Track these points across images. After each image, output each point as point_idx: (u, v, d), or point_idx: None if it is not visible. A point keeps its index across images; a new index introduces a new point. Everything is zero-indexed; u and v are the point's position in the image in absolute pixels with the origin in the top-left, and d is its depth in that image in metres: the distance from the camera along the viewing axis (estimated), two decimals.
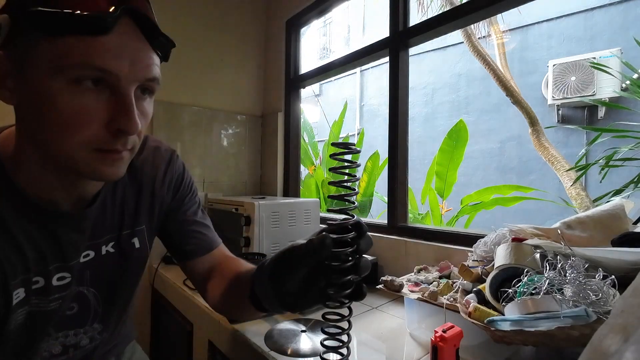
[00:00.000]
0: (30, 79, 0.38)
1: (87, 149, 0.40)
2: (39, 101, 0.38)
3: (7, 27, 0.37)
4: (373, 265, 1.23)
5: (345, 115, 3.38)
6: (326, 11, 1.81)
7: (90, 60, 0.37)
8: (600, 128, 1.94)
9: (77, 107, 0.38)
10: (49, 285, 0.49)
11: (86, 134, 0.39)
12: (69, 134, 0.39)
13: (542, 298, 0.56)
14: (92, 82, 0.38)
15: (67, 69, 0.37)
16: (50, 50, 0.36)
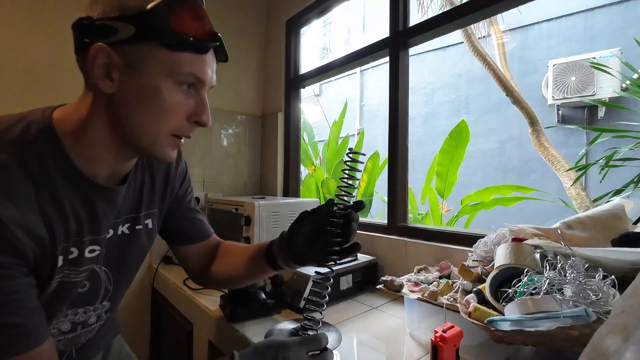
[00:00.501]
0: (145, 77, 0.48)
1: (170, 134, 0.52)
2: (148, 94, 0.48)
3: (127, 33, 0.46)
4: (373, 265, 1.23)
5: (345, 115, 3.38)
6: (326, 11, 1.81)
7: (195, 71, 0.50)
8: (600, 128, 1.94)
9: (175, 102, 0.50)
10: (81, 257, 0.53)
11: (174, 122, 0.51)
12: (164, 120, 0.50)
13: (542, 298, 0.56)
14: (187, 85, 0.51)
15: (177, 75, 0.49)
16: (168, 58, 0.48)
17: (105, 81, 0.48)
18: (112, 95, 0.49)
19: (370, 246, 1.36)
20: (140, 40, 0.46)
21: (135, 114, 0.49)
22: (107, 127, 0.51)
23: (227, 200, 1.48)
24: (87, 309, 0.59)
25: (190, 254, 0.78)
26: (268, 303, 0.98)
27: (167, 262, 1.58)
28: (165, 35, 0.46)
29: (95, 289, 0.59)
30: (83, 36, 0.48)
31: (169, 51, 0.47)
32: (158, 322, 1.60)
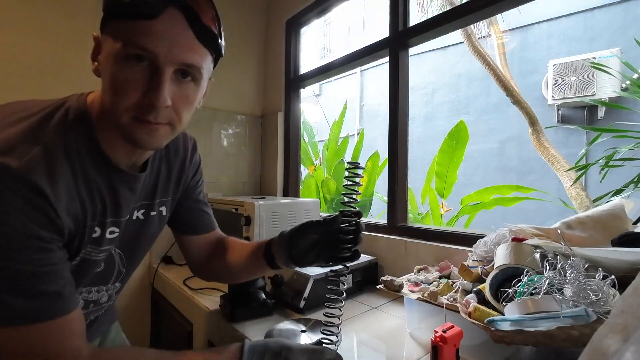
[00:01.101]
0: (103, 55, 0.49)
1: (128, 115, 0.48)
2: (104, 72, 0.49)
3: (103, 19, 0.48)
4: (373, 265, 1.23)
5: (345, 115, 3.38)
6: (326, 11, 1.81)
7: (134, 40, 0.45)
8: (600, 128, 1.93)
9: (121, 77, 0.47)
10: (103, 237, 0.56)
11: (127, 102, 0.47)
12: (116, 99, 0.47)
13: (542, 298, 0.56)
14: (135, 58, 0.46)
15: (119, 47, 0.45)
16: (113, 31, 0.46)
17: (95, 64, 0.51)
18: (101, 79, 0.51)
19: (370, 246, 1.36)
20: (104, 22, 0.48)
21: (104, 96, 0.50)
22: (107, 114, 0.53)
23: (227, 200, 1.48)
24: (100, 289, 0.63)
25: (194, 245, 0.81)
26: (268, 303, 0.98)
27: (167, 262, 1.58)
28: (109, 5, 0.46)
29: (110, 270, 0.63)
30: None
31: (114, 23, 0.46)
32: (158, 322, 1.60)
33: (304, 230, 0.67)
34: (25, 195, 0.44)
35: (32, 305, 0.45)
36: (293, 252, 0.67)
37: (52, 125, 0.49)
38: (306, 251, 0.66)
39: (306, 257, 0.67)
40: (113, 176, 0.56)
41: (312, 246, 0.66)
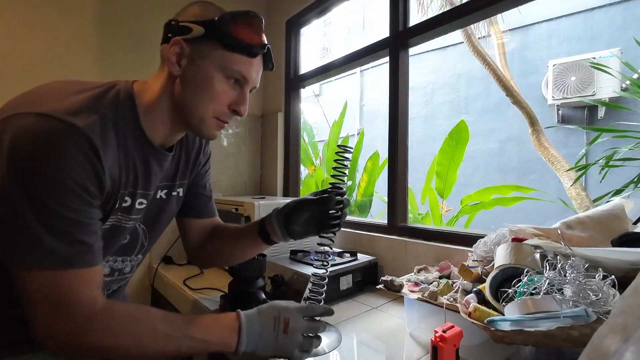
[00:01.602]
0: (204, 67, 0.60)
1: (212, 116, 0.64)
2: (204, 81, 0.61)
3: (198, 32, 0.59)
4: (373, 265, 1.23)
5: (345, 115, 3.38)
6: (326, 11, 1.81)
7: (242, 70, 0.62)
8: (600, 128, 1.94)
9: (221, 90, 0.62)
10: (132, 206, 0.64)
11: (218, 107, 0.63)
12: (210, 104, 0.62)
13: (542, 298, 0.56)
14: (234, 80, 0.63)
15: (227, 70, 0.61)
16: (223, 56, 0.60)
17: (175, 66, 0.61)
18: (178, 78, 0.62)
19: (370, 246, 1.36)
20: (206, 39, 0.60)
21: (191, 95, 0.62)
22: (170, 104, 0.64)
23: (227, 200, 1.48)
24: (124, 259, 0.70)
25: (194, 228, 0.88)
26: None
27: (167, 262, 1.58)
28: (224, 37, 0.59)
29: (134, 242, 0.70)
30: (168, 32, 0.62)
31: (225, 51, 0.60)
32: None
33: (299, 208, 0.76)
34: (85, 151, 0.51)
35: (69, 252, 0.50)
36: (290, 227, 0.77)
37: (106, 101, 0.58)
38: (301, 225, 0.76)
39: (301, 230, 0.77)
40: (147, 151, 0.64)
41: (306, 221, 0.76)
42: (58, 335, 0.50)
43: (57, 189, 0.49)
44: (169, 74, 0.62)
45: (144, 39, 1.62)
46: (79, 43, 1.49)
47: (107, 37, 1.55)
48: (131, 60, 1.59)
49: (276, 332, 0.61)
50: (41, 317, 0.50)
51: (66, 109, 0.52)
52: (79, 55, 1.49)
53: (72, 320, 0.50)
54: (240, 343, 0.59)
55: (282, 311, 0.63)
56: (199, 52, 0.60)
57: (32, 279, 0.49)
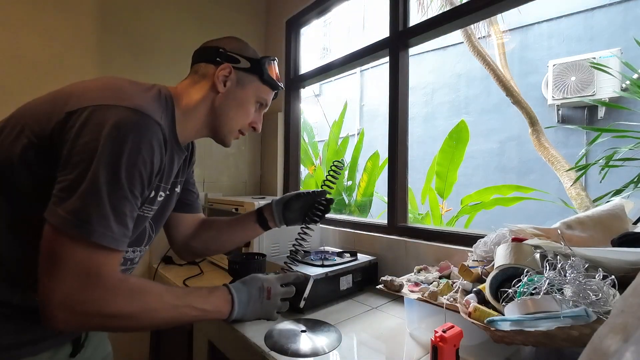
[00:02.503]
0: (245, 92, 0.77)
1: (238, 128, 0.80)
2: (242, 103, 0.78)
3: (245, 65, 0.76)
4: (373, 265, 1.24)
5: (345, 115, 3.38)
6: (326, 11, 1.81)
7: (267, 99, 0.82)
8: (600, 128, 1.93)
9: (251, 112, 0.80)
10: (155, 198, 0.69)
11: (245, 123, 0.80)
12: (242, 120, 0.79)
13: (542, 298, 0.56)
14: (259, 105, 0.82)
15: (259, 97, 0.80)
16: (259, 87, 0.79)
17: (221, 85, 0.74)
18: (220, 94, 0.75)
19: (370, 246, 1.36)
20: (250, 71, 0.77)
21: (229, 110, 0.76)
22: (206, 112, 0.75)
23: (227, 200, 1.48)
24: (135, 249, 0.74)
25: (185, 222, 0.95)
26: None
27: (167, 262, 1.58)
28: (263, 75, 0.78)
29: (144, 234, 0.74)
30: (216, 56, 0.75)
31: (260, 83, 0.79)
32: None
33: (297, 198, 0.96)
34: (162, 147, 0.60)
35: (119, 235, 0.55)
36: (287, 214, 0.96)
37: (162, 102, 0.66)
38: (295, 213, 0.96)
39: (294, 217, 0.96)
40: (175, 148, 0.71)
41: (299, 209, 0.96)
42: (78, 303, 0.53)
43: (134, 176, 0.55)
44: (212, 88, 0.74)
45: (144, 39, 1.62)
46: (79, 43, 1.49)
47: (107, 37, 1.55)
48: (131, 60, 1.58)
49: (261, 299, 0.74)
50: (67, 283, 0.52)
51: (149, 106, 0.59)
52: (79, 55, 1.49)
53: (99, 290, 0.54)
54: (233, 311, 0.70)
55: (264, 281, 0.76)
56: (242, 80, 0.76)
57: (74, 249, 0.52)
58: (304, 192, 0.97)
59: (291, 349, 0.78)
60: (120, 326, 0.59)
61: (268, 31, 2.08)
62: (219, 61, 0.74)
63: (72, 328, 0.55)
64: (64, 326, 0.53)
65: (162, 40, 1.68)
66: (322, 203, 0.95)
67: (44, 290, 0.52)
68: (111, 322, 0.57)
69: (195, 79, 0.76)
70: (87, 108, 0.55)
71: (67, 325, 0.53)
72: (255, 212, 0.97)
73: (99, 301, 0.54)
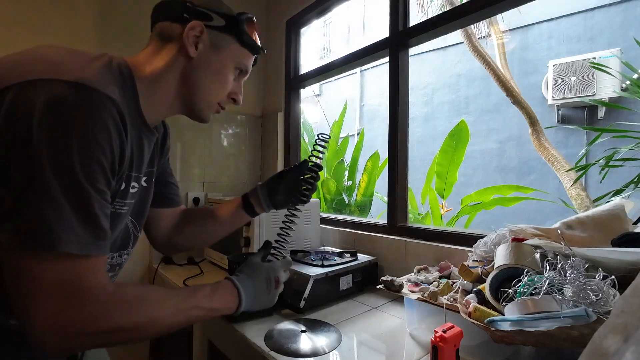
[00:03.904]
0: (216, 56, 0.64)
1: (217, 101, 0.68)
2: (220, 70, 0.65)
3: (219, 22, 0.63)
4: (373, 265, 1.23)
5: (345, 115, 3.38)
6: (326, 11, 1.81)
7: (247, 64, 0.69)
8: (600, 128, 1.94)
9: (230, 80, 0.68)
10: (127, 190, 0.60)
11: (223, 94, 0.68)
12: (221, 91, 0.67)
13: (542, 298, 0.56)
14: (238, 72, 0.69)
15: (238, 63, 0.67)
16: (238, 50, 0.66)
17: (192, 48, 0.61)
18: (192, 59, 0.62)
19: (370, 246, 1.36)
20: (225, 31, 0.64)
21: (204, 79, 0.64)
22: (176, 82, 0.63)
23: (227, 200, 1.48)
24: (121, 253, 0.67)
25: (166, 217, 0.86)
26: None
27: (167, 262, 1.58)
28: (242, 35, 0.65)
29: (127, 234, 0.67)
30: (184, 12, 0.61)
31: (239, 46, 0.66)
32: None
33: (280, 177, 0.88)
34: (119, 128, 0.50)
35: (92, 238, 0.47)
36: (273, 197, 0.87)
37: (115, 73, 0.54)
38: (283, 194, 0.87)
39: (282, 199, 0.87)
40: (142, 131, 0.61)
41: (286, 190, 0.87)
42: (67, 325, 0.46)
43: (92, 168, 0.46)
44: (181, 53, 0.61)
45: (144, 39, 1.62)
46: (79, 43, 1.49)
47: (107, 37, 1.55)
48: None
49: (269, 290, 0.72)
50: (48, 306, 0.44)
51: (94, 78, 0.48)
52: None
53: (87, 308, 0.47)
54: (240, 305, 0.67)
55: (270, 271, 0.74)
56: (216, 42, 0.63)
57: (43, 266, 0.44)
58: (285, 169, 0.89)
59: (291, 349, 0.78)
60: (122, 340, 0.53)
61: (268, 31, 2.08)
62: (186, 18, 0.60)
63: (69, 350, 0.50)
64: (59, 350, 0.47)
65: None
66: (308, 177, 0.85)
67: (24, 317, 0.45)
68: (111, 337, 0.50)
69: (159, 44, 0.62)
70: (11, 88, 0.43)
71: (62, 348, 0.47)
72: (241, 199, 0.89)
73: (91, 318, 0.47)
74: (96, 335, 0.49)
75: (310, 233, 1.46)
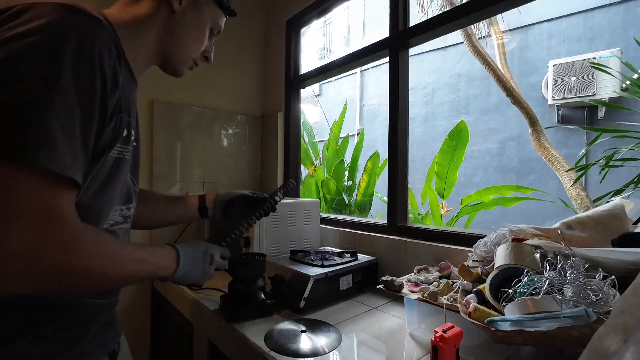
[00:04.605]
0: (197, 14, 0.69)
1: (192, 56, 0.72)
2: (199, 27, 0.70)
3: None
4: (373, 265, 1.23)
5: (345, 115, 3.38)
6: (326, 11, 1.81)
7: (221, 25, 0.75)
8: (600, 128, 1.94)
9: (205, 38, 0.73)
10: (129, 136, 0.59)
11: (198, 51, 0.73)
12: (198, 47, 0.72)
13: (542, 298, 0.56)
14: (212, 32, 0.74)
15: (214, 24, 0.73)
16: (215, 11, 0.72)
17: (177, 2, 0.64)
18: (174, 14, 0.65)
19: (370, 246, 1.36)
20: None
21: (185, 34, 0.68)
22: (157, 34, 0.65)
23: None
24: (128, 206, 0.67)
25: None
26: (268, 303, 0.98)
27: None
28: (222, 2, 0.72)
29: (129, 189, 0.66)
30: None
31: (217, 7, 0.72)
32: (158, 323, 1.60)
33: (244, 199, 0.95)
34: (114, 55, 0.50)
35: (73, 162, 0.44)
36: (229, 210, 0.94)
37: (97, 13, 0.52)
38: (238, 210, 0.94)
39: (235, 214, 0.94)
40: (129, 79, 0.60)
41: (242, 208, 0.94)
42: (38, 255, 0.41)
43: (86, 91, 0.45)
44: (163, 4, 0.63)
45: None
46: None
47: None
48: None
49: (204, 263, 0.72)
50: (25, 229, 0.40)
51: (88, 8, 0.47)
52: None
53: (64, 237, 0.43)
54: (178, 268, 0.65)
55: (208, 248, 0.75)
56: (198, 1, 0.68)
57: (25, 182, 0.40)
58: (250, 194, 0.95)
59: (291, 349, 0.78)
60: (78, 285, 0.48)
61: (268, 31, 2.08)
62: None
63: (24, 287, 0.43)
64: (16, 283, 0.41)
65: None
66: (264, 209, 0.92)
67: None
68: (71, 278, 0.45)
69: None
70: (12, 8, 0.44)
71: (21, 281, 0.41)
72: (197, 198, 0.94)
73: (65, 250, 0.43)
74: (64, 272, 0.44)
75: (310, 233, 1.46)
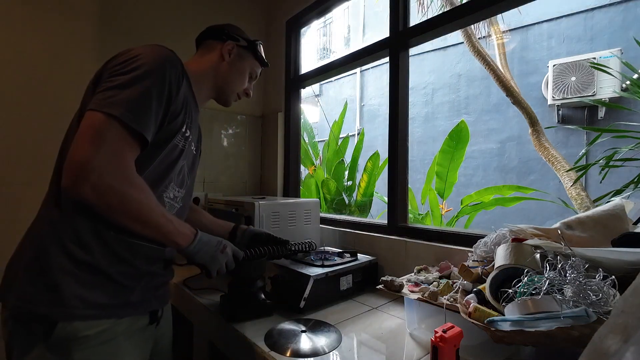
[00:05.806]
0: (244, 64, 0.97)
1: (237, 92, 0.98)
2: (242, 72, 0.97)
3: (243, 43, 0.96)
4: (373, 265, 1.23)
5: (345, 115, 3.38)
6: (326, 11, 1.81)
7: (257, 72, 1.02)
8: (601, 128, 1.93)
9: (245, 81, 0.99)
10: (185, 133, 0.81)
11: (241, 88, 0.98)
12: (241, 85, 0.98)
13: (542, 298, 0.56)
14: (250, 76, 1.00)
15: (252, 71, 1.00)
16: (253, 63, 0.99)
17: (227, 55, 0.93)
18: (225, 63, 0.93)
19: (370, 246, 1.36)
20: (246, 48, 0.97)
21: (232, 77, 0.95)
22: (214, 77, 0.93)
23: (227, 200, 1.48)
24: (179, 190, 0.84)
25: None
26: (268, 303, 0.98)
27: None
28: (256, 53, 0.99)
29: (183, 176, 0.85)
30: (222, 34, 0.94)
31: (254, 59, 0.99)
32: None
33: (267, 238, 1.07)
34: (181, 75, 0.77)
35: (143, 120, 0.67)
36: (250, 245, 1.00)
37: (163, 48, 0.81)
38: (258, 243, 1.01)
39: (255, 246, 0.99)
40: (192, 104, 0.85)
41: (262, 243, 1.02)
42: (107, 173, 0.61)
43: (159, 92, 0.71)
44: (219, 59, 0.92)
45: (144, 39, 1.62)
46: (79, 43, 1.49)
47: (107, 37, 1.55)
48: None
49: (216, 248, 0.81)
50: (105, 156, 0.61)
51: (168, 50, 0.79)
52: (79, 55, 1.49)
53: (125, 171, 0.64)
54: (192, 243, 0.76)
55: (223, 240, 0.84)
56: (241, 54, 0.96)
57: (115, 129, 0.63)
58: (272, 237, 1.08)
59: (291, 349, 0.78)
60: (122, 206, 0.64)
61: (268, 31, 2.08)
62: (224, 38, 0.93)
63: (90, 196, 0.60)
64: (86, 191, 0.59)
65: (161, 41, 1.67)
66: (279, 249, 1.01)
67: (84, 154, 0.59)
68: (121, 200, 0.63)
69: (204, 52, 0.93)
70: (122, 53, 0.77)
71: (91, 190, 0.60)
72: (232, 226, 1.09)
73: (121, 178, 0.63)
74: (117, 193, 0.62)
75: (311, 233, 1.46)
